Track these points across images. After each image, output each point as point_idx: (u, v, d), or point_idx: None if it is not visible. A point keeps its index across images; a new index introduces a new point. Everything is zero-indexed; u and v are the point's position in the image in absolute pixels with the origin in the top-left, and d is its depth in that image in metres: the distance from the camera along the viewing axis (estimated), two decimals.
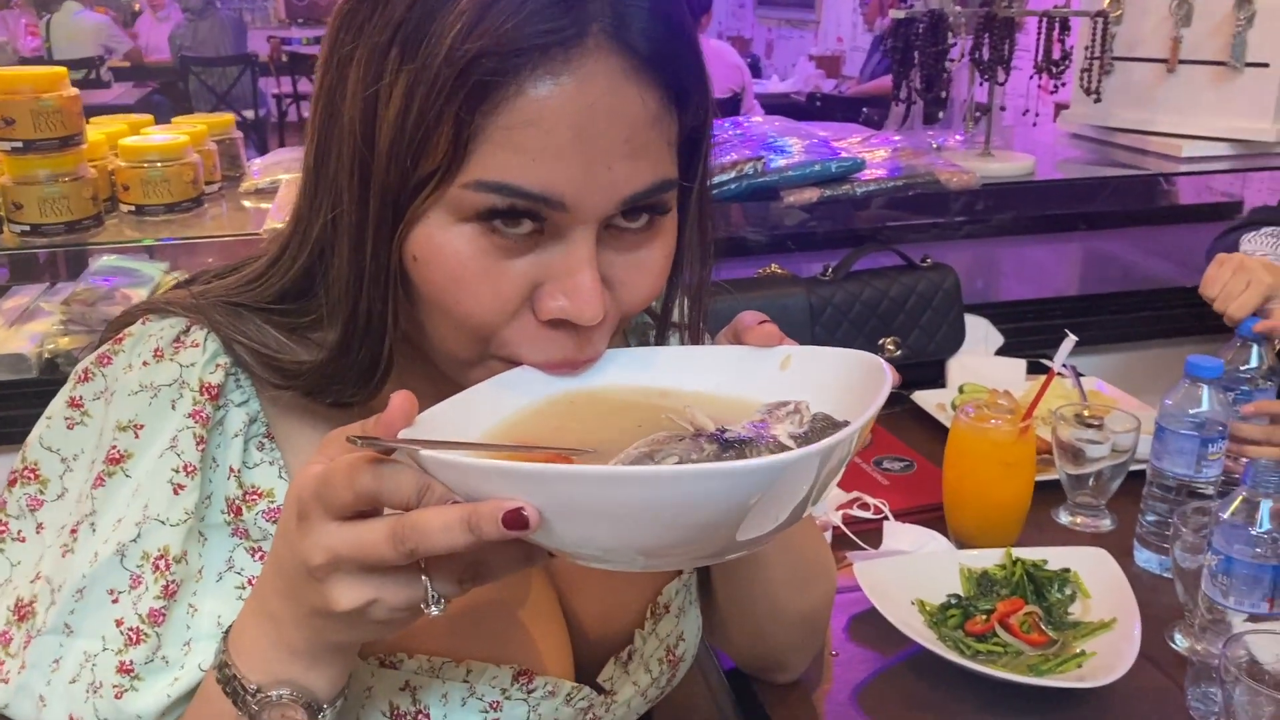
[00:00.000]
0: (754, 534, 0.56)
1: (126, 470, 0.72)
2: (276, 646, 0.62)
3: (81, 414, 0.74)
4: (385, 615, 0.58)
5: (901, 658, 1.15)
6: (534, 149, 0.62)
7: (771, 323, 0.74)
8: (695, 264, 0.79)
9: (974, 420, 1.32)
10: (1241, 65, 2.07)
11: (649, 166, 0.66)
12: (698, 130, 0.71)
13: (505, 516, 0.52)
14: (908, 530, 1.35)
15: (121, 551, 0.70)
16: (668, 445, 0.59)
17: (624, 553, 0.56)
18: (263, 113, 7.63)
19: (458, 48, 0.60)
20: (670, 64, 0.65)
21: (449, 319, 0.68)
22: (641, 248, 0.70)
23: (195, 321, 0.74)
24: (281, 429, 0.76)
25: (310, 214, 0.71)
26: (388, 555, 0.55)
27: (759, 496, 0.52)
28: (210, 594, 0.73)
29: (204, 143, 1.95)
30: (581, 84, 0.62)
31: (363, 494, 0.56)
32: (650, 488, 0.51)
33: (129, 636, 0.70)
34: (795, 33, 7.99)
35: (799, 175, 1.84)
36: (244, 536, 0.74)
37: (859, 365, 0.68)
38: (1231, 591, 1.01)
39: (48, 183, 1.70)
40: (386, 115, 0.63)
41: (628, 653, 0.88)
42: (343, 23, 0.67)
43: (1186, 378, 1.27)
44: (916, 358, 1.81)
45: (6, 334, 1.88)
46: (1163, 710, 1.07)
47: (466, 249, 0.65)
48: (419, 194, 0.64)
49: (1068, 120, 2.44)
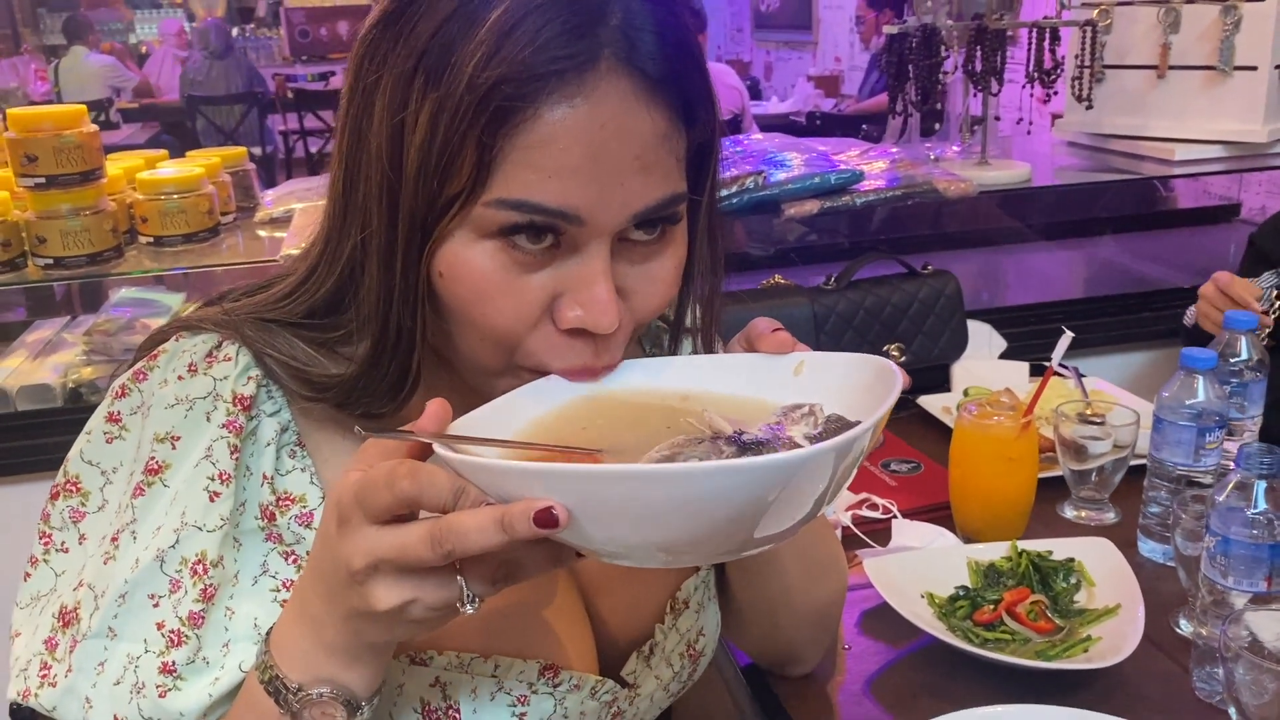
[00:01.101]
0: (771, 530, 0.58)
1: (165, 480, 0.75)
2: (317, 647, 0.65)
3: (119, 428, 0.77)
4: (422, 614, 0.61)
5: (912, 649, 1.18)
6: (551, 168, 0.66)
7: (784, 330, 0.77)
8: (707, 274, 0.83)
9: (977, 418, 1.36)
10: (1230, 69, 2.12)
11: (659, 182, 0.69)
12: (706, 145, 0.75)
13: (536, 515, 0.55)
14: (916, 527, 1.38)
15: (161, 557, 0.74)
16: (688, 448, 0.61)
17: (647, 549, 0.59)
18: (270, 149, 7.72)
19: (479, 75, 0.64)
20: (677, 84, 0.69)
21: (475, 331, 0.71)
22: (653, 259, 0.74)
23: (227, 336, 0.77)
24: (312, 438, 0.80)
25: (339, 236, 0.74)
26: (426, 557, 0.58)
27: (778, 493, 0.55)
28: (246, 597, 0.76)
29: (218, 175, 2.01)
30: (594, 106, 0.65)
31: (401, 498, 0.58)
32: (676, 485, 0.54)
33: (170, 639, 0.73)
34: (793, 54, 8.07)
35: (799, 188, 1.88)
36: (278, 541, 0.77)
37: (870, 369, 0.70)
38: (1230, 572, 1.04)
39: (69, 216, 1.75)
40: (413, 141, 0.66)
41: (649, 647, 0.91)
42: (367, 52, 0.70)
43: (1182, 369, 1.30)
44: (921, 363, 1.85)
45: (31, 366, 1.93)
46: (1169, 692, 1.09)
47: (489, 264, 0.69)
48: (445, 214, 0.68)
49: (1062, 129, 2.49)
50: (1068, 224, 2.53)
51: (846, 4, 6.90)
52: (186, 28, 9.61)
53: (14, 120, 1.73)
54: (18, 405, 1.81)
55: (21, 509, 1.77)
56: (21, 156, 1.71)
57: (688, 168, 0.73)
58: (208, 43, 7.47)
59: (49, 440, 1.78)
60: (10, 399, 1.81)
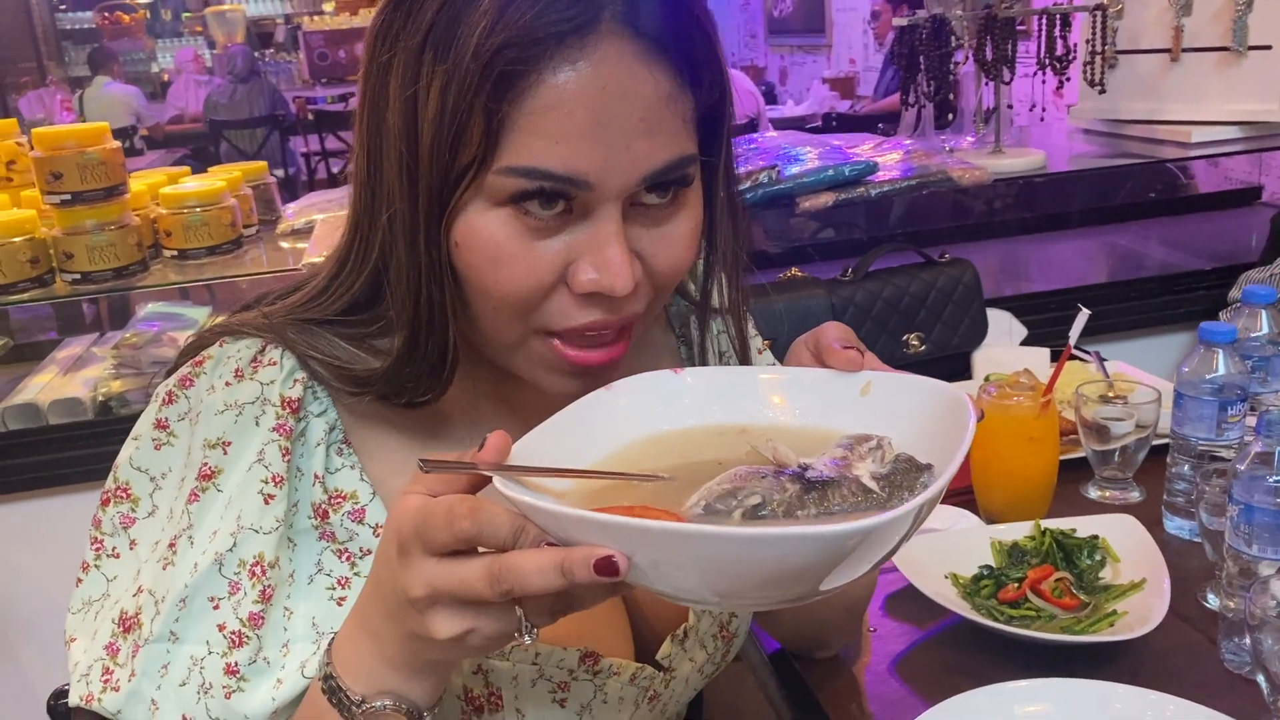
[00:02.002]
0: (837, 584, 0.57)
1: (218, 485, 0.77)
2: (379, 661, 0.65)
3: (168, 434, 0.79)
4: (480, 643, 0.61)
5: (937, 630, 1.17)
6: (556, 133, 0.67)
7: (856, 347, 0.75)
8: (729, 239, 0.83)
9: (997, 399, 1.36)
10: (1244, 49, 2.10)
11: (667, 143, 0.70)
12: (716, 107, 0.75)
13: (596, 564, 0.55)
14: (939, 510, 1.37)
15: (220, 561, 0.75)
16: (750, 483, 0.59)
17: (704, 595, 0.58)
18: (292, 171, 7.80)
19: (483, 43, 0.65)
20: (681, 44, 0.70)
21: (490, 299, 0.72)
22: (668, 221, 0.74)
23: (270, 341, 0.78)
24: (358, 435, 0.81)
25: (369, 222, 0.75)
26: (484, 594, 0.58)
27: (848, 555, 0.54)
28: (303, 596, 0.77)
29: (240, 188, 2.04)
30: (596, 68, 0.67)
31: (460, 537, 0.58)
32: (737, 547, 0.53)
33: (232, 640, 0.75)
34: (808, 58, 8.07)
35: (814, 181, 1.89)
36: (331, 539, 0.78)
37: (941, 399, 0.68)
38: (1255, 540, 1.03)
39: (95, 232, 1.78)
40: (426, 114, 0.68)
41: (684, 631, 0.91)
42: (378, 34, 0.72)
43: (1201, 343, 1.30)
44: (941, 352, 1.84)
45: (62, 381, 1.96)
46: (1197, 664, 1.09)
47: (503, 231, 0.70)
48: (459, 185, 0.69)
49: (1077, 116, 2.48)
50: (1087, 211, 2.52)
51: (860, 6, 6.91)
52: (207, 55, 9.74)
53: (39, 139, 1.77)
54: (49, 419, 1.84)
55: (53, 521, 1.81)
56: (47, 174, 1.74)
57: (698, 130, 0.74)
58: (234, 67, 7.56)
59: (80, 453, 1.80)
60: (41, 413, 1.84)
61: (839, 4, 7.40)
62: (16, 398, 1.89)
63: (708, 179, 0.78)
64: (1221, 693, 1.03)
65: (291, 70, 11.23)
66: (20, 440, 1.83)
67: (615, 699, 0.86)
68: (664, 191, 0.73)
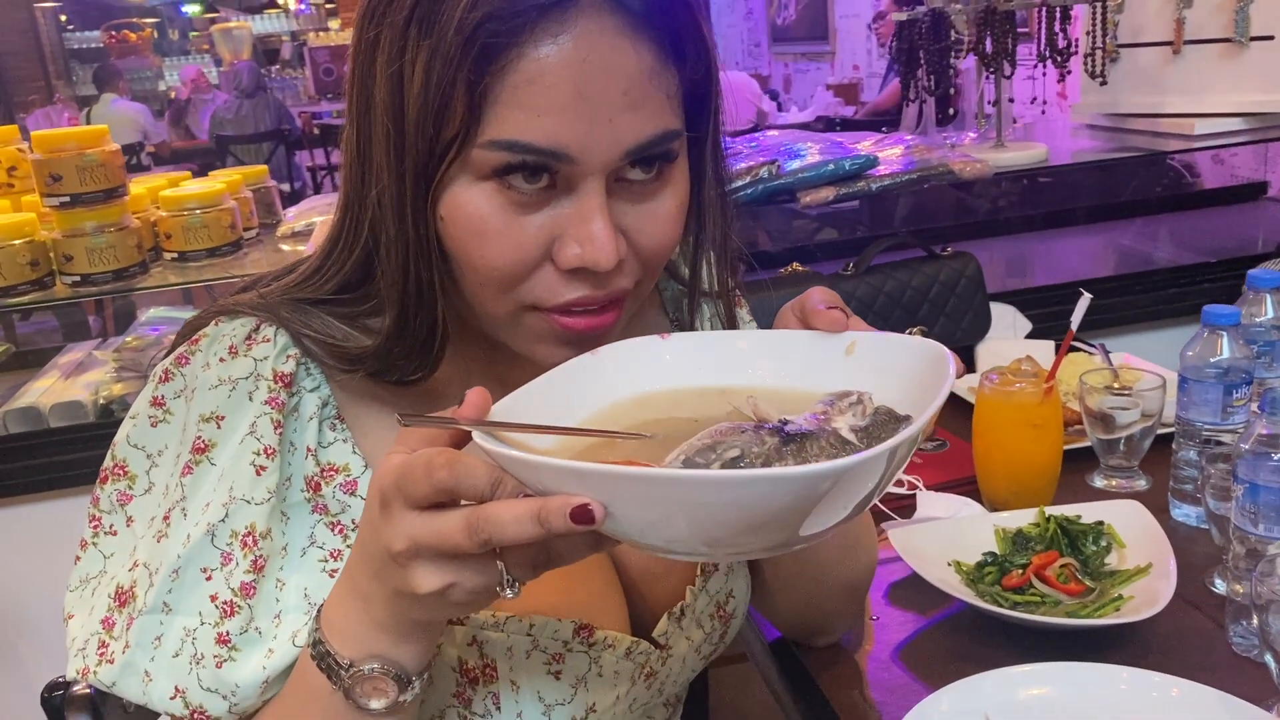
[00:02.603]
0: (816, 529, 0.57)
1: (211, 458, 0.77)
2: (366, 624, 0.66)
3: (164, 412, 0.79)
4: (464, 597, 0.61)
5: (940, 617, 1.16)
6: (539, 106, 0.67)
7: (839, 308, 0.75)
8: (717, 218, 0.83)
9: (999, 386, 1.34)
10: (1246, 40, 2.10)
11: (650, 118, 0.70)
12: (702, 84, 0.75)
13: (573, 512, 0.55)
14: (941, 499, 1.36)
15: (212, 532, 0.75)
16: (730, 437, 0.60)
17: (687, 545, 0.58)
18: (298, 185, 7.83)
19: (465, 17, 0.65)
20: (663, 18, 0.69)
21: (476, 274, 0.72)
22: (653, 197, 0.74)
23: (264, 319, 0.79)
24: (351, 411, 0.81)
25: (359, 201, 0.75)
26: (464, 545, 0.58)
27: (823, 496, 0.54)
28: (295, 569, 0.77)
29: (240, 191, 2.04)
30: (577, 41, 0.66)
31: (440, 487, 0.58)
32: (712, 490, 0.53)
33: (224, 610, 0.75)
34: (812, 65, 8.08)
35: (814, 175, 1.88)
36: (324, 512, 0.79)
37: (923, 353, 0.68)
38: (1261, 519, 1.02)
39: (95, 234, 1.78)
40: (411, 89, 0.68)
41: (680, 609, 0.91)
42: (366, 13, 0.72)
43: (1204, 326, 1.28)
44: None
45: (64, 385, 1.96)
46: (1206, 647, 1.07)
47: (486, 205, 0.70)
48: (445, 159, 0.69)
49: (1080, 111, 2.47)
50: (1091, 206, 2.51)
51: (863, 12, 6.91)
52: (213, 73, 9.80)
53: (39, 141, 1.77)
54: (50, 422, 1.84)
55: (56, 523, 1.81)
56: (46, 176, 1.75)
57: (685, 107, 0.73)
58: (239, 83, 7.61)
59: (81, 455, 1.81)
60: (43, 416, 1.85)
61: (841, 10, 7.41)
62: (18, 401, 1.89)
63: (695, 156, 0.78)
64: (1229, 675, 1.01)
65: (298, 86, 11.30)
66: (22, 443, 1.83)
67: (610, 672, 0.85)
68: (648, 167, 0.72)
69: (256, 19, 13.11)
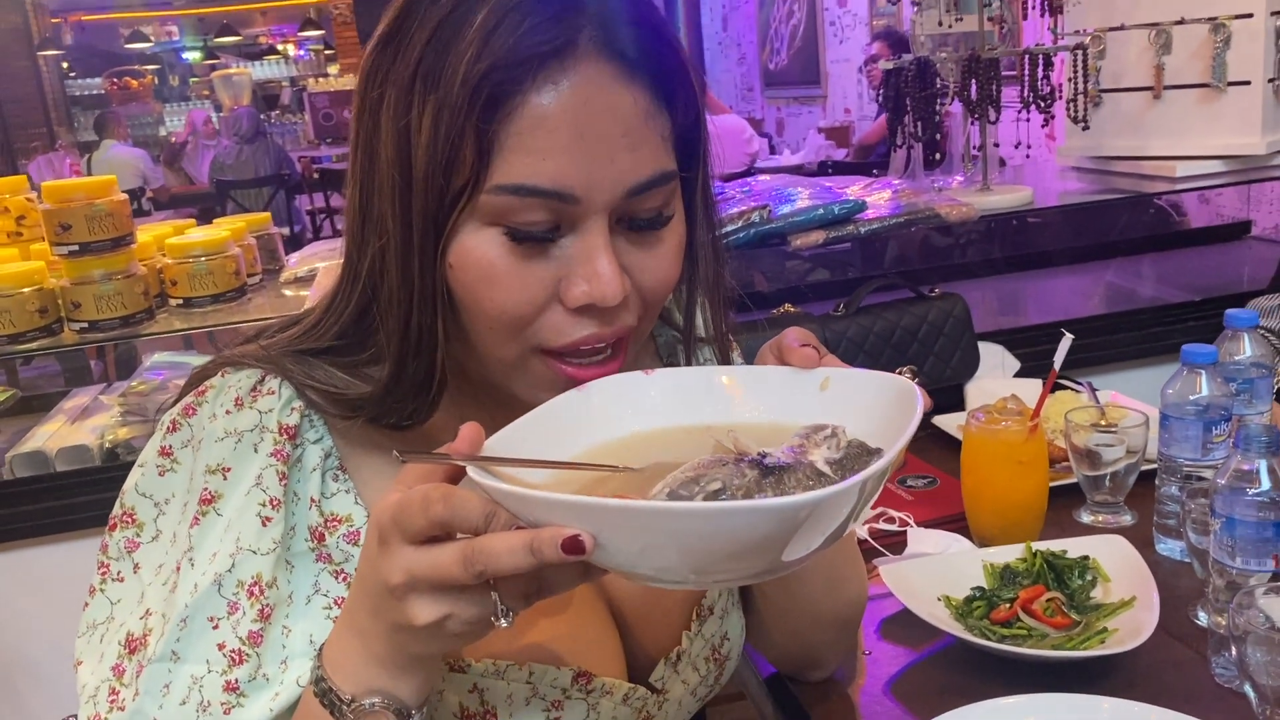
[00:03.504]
0: (797, 555, 0.61)
1: (218, 509, 0.79)
2: (366, 659, 0.68)
3: (171, 461, 0.82)
4: (459, 629, 0.64)
5: (931, 651, 1.19)
6: (543, 149, 0.71)
7: (813, 345, 0.79)
8: (709, 260, 0.87)
9: (985, 424, 1.38)
10: (1224, 85, 2.15)
11: (648, 158, 0.74)
12: (691, 127, 0.79)
13: (564, 543, 0.58)
14: (931, 535, 1.39)
15: (219, 581, 0.77)
16: (712, 470, 0.63)
17: (674, 573, 0.62)
18: (298, 229, 7.89)
19: (470, 69, 0.70)
20: (655, 64, 0.74)
21: (485, 318, 0.75)
22: (653, 237, 0.78)
23: (269, 371, 0.82)
24: (353, 461, 0.84)
25: (359, 253, 0.79)
26: (459, 576, 0.61)
27: (799, 527, 0.57)
28: (301, 616, 0.79)
29: (244, 238, 2.08)
30: (576, 87, 0.71)
31: (435, 521, 0.61)
32: (695, 521, 0.56)
33: (232, 658, 0.77)
34: (804, 109, 8.19)
35: (804, 219, 1.92)
36: (327, 561, 0.81)
37: (893, 389, 0.72)
38: (1238, 553, 1.05)
39: (102, 281, 1.82)
40: (419, 142, 0.72)
41: (676, 653, 0.93)
42: (369, 73, 0.76)
43: (1184, 365, 1.32)
44: (934, 384, 1.87)
45: (69, 429, 1.99)
46: (1188, 678, 1.10)
47: (494, 250, 0.73)
48: (455, 208, 0.73)
49: (1065, 154, 2.52)
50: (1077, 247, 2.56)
51: (853, 56, 7.02)
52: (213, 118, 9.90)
53: (49, 192, 1.82)
54: (56, 466, 1.87)
55: (62, 567, 1.83)
56: (56, 226, 1.79)
57: (676, 149, 0.77)
58: (239, 128, 7.69)
59: (87, 499, 1.83)
60: (49, 460, 1.87)
61: (832, 55, 7.53)
62: (24, 446, 1.92)
63: (686, 198, 0.82)
64: (1212, 706, 1.04)
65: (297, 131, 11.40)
66: (28, 487, 1.85)
67: (609, 718, 0.88)
68: (650, 213, 0.76)
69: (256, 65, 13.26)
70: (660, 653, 0.93)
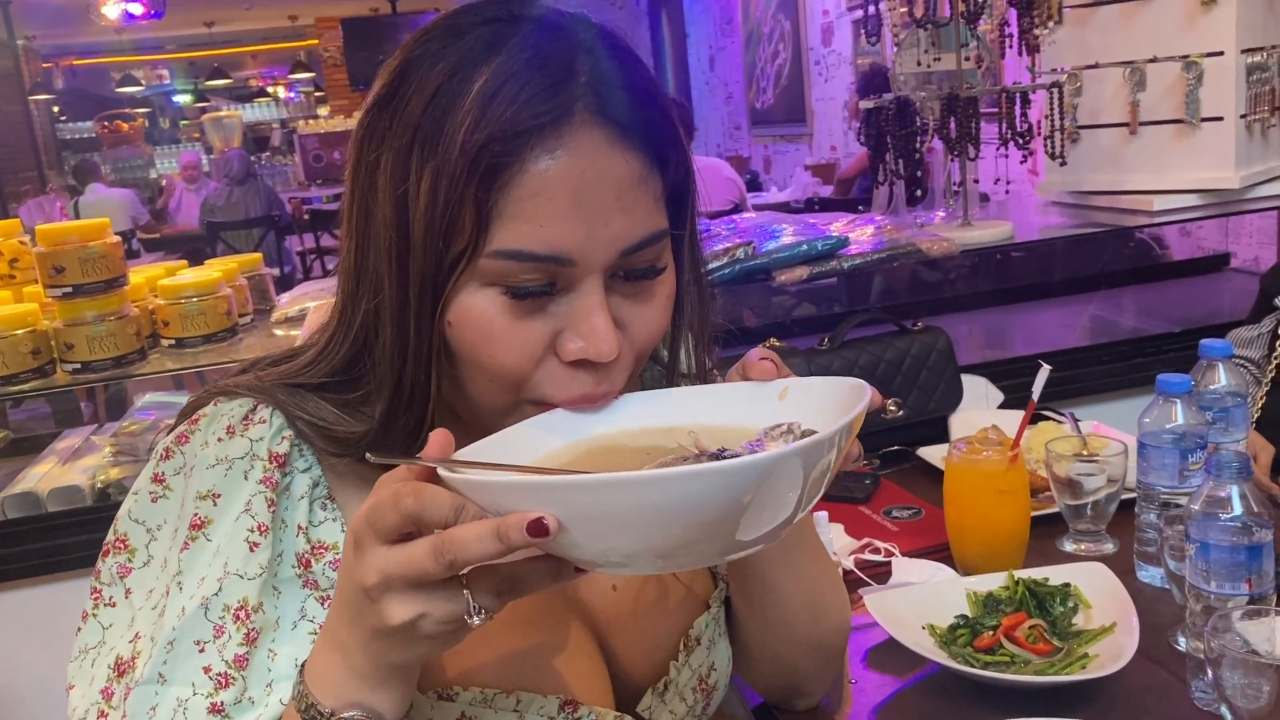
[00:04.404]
0: (754, 534, 0.63)
1: (208, 535, 0.81)
2: (345, 672, 0.69)
3: (164, 488, 0.83)
4: (434, 628, 0.65)
5: (917, 679, 1.20)
6: (541, 216, 0.73)
7: (771, 359, 0.82)
8: (695, 303, 0.90)
9: (966, 454, 1.40)
10: (1198, 121, 2.20)
11: (641, 219, 0.77)
12: (681, 185, 0.82)
13: (529, 525, 0.59)
14: (916, 564, 1.41)
15: (205, 605, 0.79)
16: (672, 464, 0.67)
17: (638, 555, 0.63)
18: (288, 269, 7.91)
19: (469, 139, 0.72)
20: (646, 130, 0.77)
21: (484, 373, 0.78)
22: (645, 291, 0.81)
23: (261, 401, 0.83)
24: (342, 491, 0.85)
25: (353, 305, 0.81)
26: (431, 568, 0.62)
27: (751, 495, 0.60)
28: (287, 640, 0.81)
29: (235, 279, 2.10)
30: (573, 155, 0.73)
31: (406, 515, 0.62)
32: (651, 490, 0.59)
33: (218, 681, 0.78)
34: (790, 146, 8.28)
35: (788, 256, 1.96)
36: (314, 587, 0.82)
37: (845, 389, 0.75)
38: (1213, 577, 1.07)
39: (95, 323, 1.84)
40: (417, 208, 0.74)
41: (663, 683, 0.95)
42: (365, 134, 0.78)
43: (1159, 395, 1.35)
44: (918, 416, 1.89)
45: (61, 470, 2.00)
46: (1168, 703, 1.12)
47: (493, 310, 0.76)
48: (453, 271, 0.75)
49: (1045, 189, 2.57)
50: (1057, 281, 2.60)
51: (838, 94, 7.11)
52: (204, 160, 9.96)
53: (42, 235, 1.84)
54: (48, 507, 1.88)
55: (54, 608, 1.83)
56: (50, 269, 1.81)
57: (667, 206, 0.80)
58: (230, 170, 7.73)
59: (79, 539, 1.84)
60: (41, 501, 1.88)
61: (818, 94, 7.62)
62: (16, 487, 1.93)
63: (675, 251, 0.85)
64: None
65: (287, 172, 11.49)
66: (20, 528, 1.86)
67: None
68: (648, 275, 0.79)
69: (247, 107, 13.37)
70: (647, 682, 0.95)
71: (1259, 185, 2.27)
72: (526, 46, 0.74)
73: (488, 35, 0.75)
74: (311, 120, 11.67)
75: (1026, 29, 2.12)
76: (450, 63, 0.74)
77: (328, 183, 10.18)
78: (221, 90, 13.13)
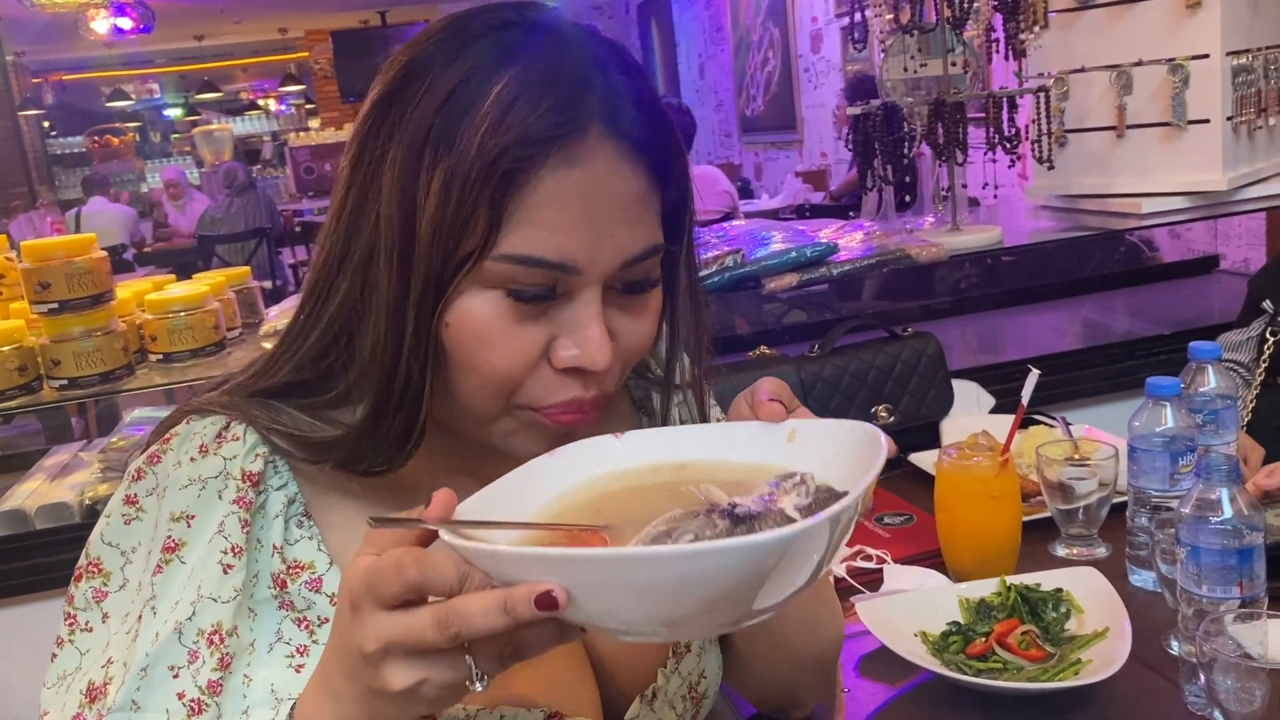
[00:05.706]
0: (770, 602, 0.61)
1: (181, 557, 0.80)
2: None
3: (137, 510, 0.82)
4: (434, 693, 0.63)
5: (909, 687, 1.20)
6: (552, 224, 0.74)
7: (781, 400, 0.81)
8: (690, 321, 0.90)
9: (957, 460, 1.40)
10: (1184, 124, 2.20)
11: (644, 233, 0.78)
12: (679, 202, 0.83)
13: (537, 599, 0.58)
14: (908, 571, 1.41)
15: (179, 630, 0.78)
16: (684, 522, 0.64)
17: (648, 625, 0.61)
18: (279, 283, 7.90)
19: (486, 143, 0.72)
20: (654, 147, 0.78)
21: (477, 376, 0.77)
22: (638, 303, 0.81)
23: (233, 417, 0.83)
24: (318, 507, 0.84)
25: (325, 299, 0.80)
26: (434, 640, 0.60)
27: (771, 568, 0.58)
28: (263, 664, 0.80)
29: (223, 292, 2.09)
30: (588, 166, 0.74)
31: (409, 585, 0.61)
32: (667, 566, 0.57)
33: (191, 708, 0.77)
34: (781, 154, 8.30)
35: (777, 263, 1.96)
36: (290, 608, 0.81)
37: (858, 435, 0.74)
38: (1204, 580, 1.07)
39: (82, 338, 1.83)
40: (426, 206, 0.74)
41: (652, 691, 0.94)
42: (370, 128, 0.78)
43: (1148, 398, 1.34)
44: (910, 422, 1.89)
45: (49, 487, 1.99)
46: (1162, 707, 1.11)
47: (492, 313, 0.76)
48: (459, 271, 0.75)
49: (1034, 194, 2.57)
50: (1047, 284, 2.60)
51: (828, 101, 7.13)
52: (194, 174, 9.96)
53: (28, 251, 1.83)
54: (36, 524, 1.86)
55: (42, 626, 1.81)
56: (35, 285, 1.80)
57: (664, 221, 0.81)
58: (232, 180, 7.73)
59: (68, 556, 1.82)
60: (28, 519, 1.87)
61: (808, 101, 7.64)
62: (4, 504, 1.91)
63: (670, 267, 0.85)
64: None
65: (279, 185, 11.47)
66: (7, 546, 1.85)
67: None
68: (642, 288, 0.80)
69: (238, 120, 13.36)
70: (636, 691, 0.94)
71: (1247, 187, 2.27)
72: (542, 56, 0.75)
73: (502, 41, 0.76)
74: (303, 132, 11.67)
75: (1012, 34, 2.13)
76: (465, 66, 0.74)
77: (319, 195, 10.16)
78: (212, 103, 13.12)
